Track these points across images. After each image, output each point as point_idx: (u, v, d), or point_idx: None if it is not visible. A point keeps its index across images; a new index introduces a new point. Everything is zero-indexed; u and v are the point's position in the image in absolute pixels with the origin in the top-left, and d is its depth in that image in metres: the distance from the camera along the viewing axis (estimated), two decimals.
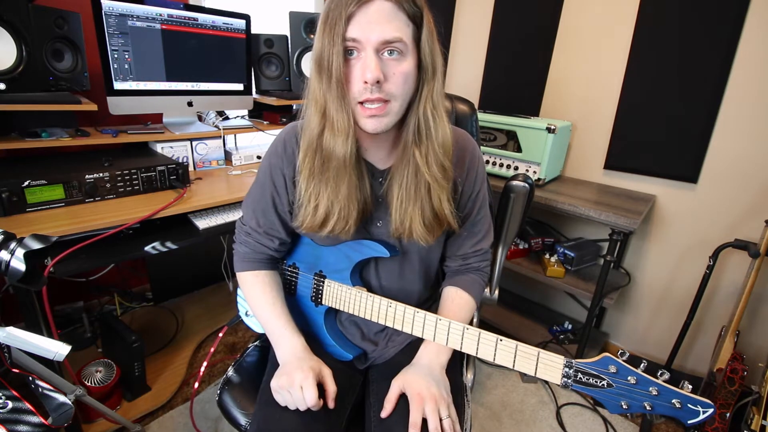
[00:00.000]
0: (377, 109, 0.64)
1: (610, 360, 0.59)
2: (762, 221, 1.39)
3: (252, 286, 0.86)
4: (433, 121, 0.69)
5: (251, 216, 0.84)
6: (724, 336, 1.38)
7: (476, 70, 2.12)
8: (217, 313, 1.94)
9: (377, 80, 0.61)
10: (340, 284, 0.82)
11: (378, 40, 0.61)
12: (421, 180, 0.71)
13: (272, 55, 1.78)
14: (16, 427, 0.88)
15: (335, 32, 0.61)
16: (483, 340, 0.67)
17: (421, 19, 0.64)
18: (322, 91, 0.65)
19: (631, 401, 0.58)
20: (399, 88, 0.64)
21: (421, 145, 0.70)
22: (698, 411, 0.54)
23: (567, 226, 1.97)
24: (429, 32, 0.65)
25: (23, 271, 0.72)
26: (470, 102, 1.11)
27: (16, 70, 1.17)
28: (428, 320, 0.72)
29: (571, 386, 0.60)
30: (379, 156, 0.77)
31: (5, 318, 1.53)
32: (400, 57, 0.63)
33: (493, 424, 1.51)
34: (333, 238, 0.79)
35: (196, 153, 1.60)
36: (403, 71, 0.64)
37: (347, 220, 0.73)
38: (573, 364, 0.60)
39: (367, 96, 0.63)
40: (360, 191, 0.73)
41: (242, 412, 0.84)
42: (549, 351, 0.62)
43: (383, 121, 0.65)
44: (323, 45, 0.63)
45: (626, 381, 0.58)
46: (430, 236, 0.75)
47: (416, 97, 0.68)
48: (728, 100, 1.47)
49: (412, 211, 0.73)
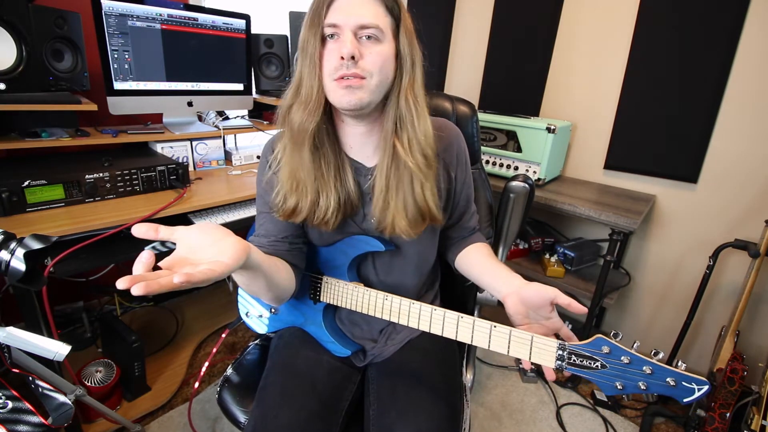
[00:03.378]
0: (353, 80, 0.65)
1: (602, 341, 0.59)
2: (762, 221, 1.39)
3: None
4: (416, 111, 0.71)
5: (258, 228, 0.84)
6: (724, 336, 1.38)
7: (476, 70, 2.12)
8: (217, 313, 1.94)
9: (352, 55, 0.63)
10: (337, 280, 0.82)
11: (356, 23, 0.64)
12: (403, 170, 0.72)
13: (272, 55, 1.78)
14: (16, 427, 0.88)
15: (316, 15, 0.65)
16: (477, 327, 0.67)
17: (399, 14, 0.68)
18: (300, 69, 0.69)
19: (625, 381, 0.58)
20: (375, 66, 0.66)
21: (403, 133, 0.71)
22: (693, 388, 0.54)
23: (567, 226, 1.97)
24: (406, 28, 0.69)
25: (23, 271, 0.72)
26: (470, 103, 1.11)
27: (16, 70, 1.17)
28: (423, 311, 0.72)
29: (566, 368, 0.60)
30: (365, 153, 0.78)
31: (5, 318, 1.53)
32: (376, 41, 0.66)
33: (493, 424, 1.51)
34: (318, 231, 0.79)
35: (196, 153, 1.60)
36: (380, 52, 0.66)
37: (324, 211, 0.73)
38: (566, 346, 0.60)
39: (343, 72, 0.64)
40: (341, 184, 0.74)
41: (241, 409, 0.85)
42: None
43: (357, 94, 0.66)
44: (305, 30, 0.67)
45: (620, 361, 0.57)
46: (412, 230, 0.75)
47: (394, 87, 0.70)
48: (728, 100, 1.47)
49: (394, 205, 0.73)
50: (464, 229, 0.91)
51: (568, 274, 1.71)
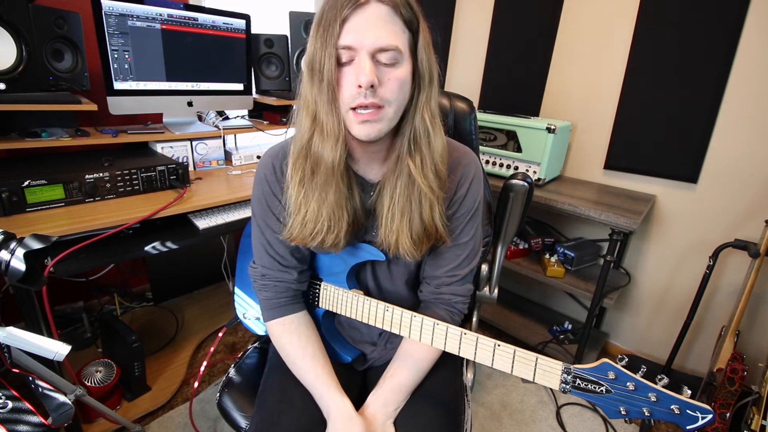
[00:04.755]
0: (370, 114, 0.61)
1: (608, 366, 0.58)
2: (762, 221, 1.39)
3: (280, 337, 0.81)
4: (432, 129, 0.67)
5: (261, 254, 0.80)
6: (724, 336, 1.38)
7: (476, 70, 2.12)
8: (217, 313, 1.94)
9: (371, 84, 0.58)
10: (336, 287, 0.81)
11: (373, 45, 0.58)
12: (414, 190, 0.68)
13: (272, 55, 1.78)
14: (16, 427, 0.88)
15: (329, 35, 0.59)
16: (481, 345, 0.66)
17: (417, 26, 0.63)
18: (314, 95, 0.63)
19: (629, 407, 0.57)
20: (393, 94, 0.61)
21: (417, 154, 0.67)
22: (697, 417, 0.54)
23: (567, 226, 1.97)
24: (425, 40, 0.64)
25: (23, 271, 0.72)
26: (468, 100, 1.10)
27: (16, 70, 1.17)
28: (426, 324, 0.71)
29: (570, 392, 0.60)
30: (370, 168, 0.74)
31: (5, 318, 1.53)
32: (395, 63, 0.61)
33: (493, 424, 1.51)
34: (324, 250, 0.76)
35: (196, 153, 1.60)
36: (399, 77, 0.61)
37: (337, 233, 0.69)
38: (571, 369, 0.60)
39: (361, 101, 0.60)
40: (350, 203, 0.70)
41: (242, 414, 0.84)
42: (549, 350, 0.62)
43: (376, 127, 0.62)
44: (315, 48, 0.61)
45: (625, 387, 0.57)
46: (416, 251, 0.71)
47: (411, 105, 0.66)
48: (728, 100, 1.47)
49: (399, 225, 0.69)
50: (431, 278, 0.81)
51: (568, 274, 1.71)
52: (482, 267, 1.10)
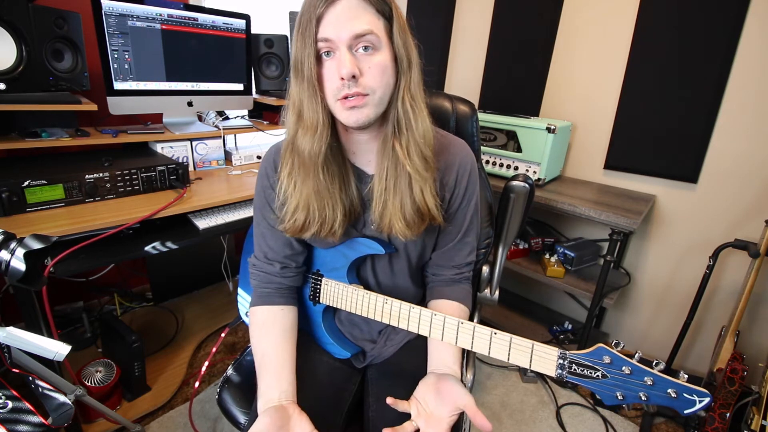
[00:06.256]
0: (356, 99, 0.64)
1: (604, 350, 0.58)
2: (762, 221, 1.39)
3: (253, 324, 0.81)
4: (413, 112, 0.69)
5: (255, 244, 0.84)
6: (724, 336, 1.38)
7: (476, 70, 2.12)
8: (217, 313, 1.94)
9: (353, 75, 0.61)
10: (336, 282, 0.82)
11: (349, 35, 0.61)
12: (401, 173, 0.70)
13: (272, 55, 1.78)
14: (16, 427, 0.88)
15: (307, 34, 0.62)
16: (477, 334, 0.67)
17: (390, 13, 0.65)
18: (298, 93, 0.66)
19: (626, 392, 0.57)
20: (376, 81, 0.64)
21: (401, 137, 0.69)
22: (694, 400, 0.54)
23: (567, 226, 1.97)
24: (400, 26, 0.66)
25: (23, 271, 0.72)
26: (470, 102, 1.10)
27: (16, 70, 1.17)
28: (423, 316, 0.72)
29: (566, 377, 0.60)
30: (366, 159, 0.77)
31: (5, 318, 1.53)
32: (373, 51, 0.64)
33: (493, 424, 1.51)
34: (322, 241, 0.78)
35: (196, 153, 1.60)
36: (379, 63, 0.64)
37: (331, 223, 0.72)
38: (567, 355, 0.60)
39: (345, 92, 0.63)
40: (345, 194, 0.73)
41: (241, 410, 0.85)
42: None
43: (363, 113, 0.65)
44: (297, 48, 0.64)
45: (621, 371, 0.57)
46: (410, 231, 0.73)
47: (396, 90, 0.68)
48: (728, 100, 1.47)
49: (392, 205, 0.72)
50: (448, 267, 0.85)
51: (568, 274, 1.71)
52: (483, 269, 1.10)
